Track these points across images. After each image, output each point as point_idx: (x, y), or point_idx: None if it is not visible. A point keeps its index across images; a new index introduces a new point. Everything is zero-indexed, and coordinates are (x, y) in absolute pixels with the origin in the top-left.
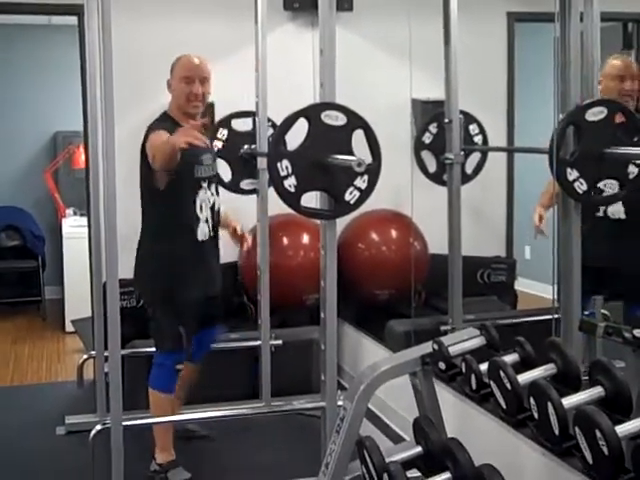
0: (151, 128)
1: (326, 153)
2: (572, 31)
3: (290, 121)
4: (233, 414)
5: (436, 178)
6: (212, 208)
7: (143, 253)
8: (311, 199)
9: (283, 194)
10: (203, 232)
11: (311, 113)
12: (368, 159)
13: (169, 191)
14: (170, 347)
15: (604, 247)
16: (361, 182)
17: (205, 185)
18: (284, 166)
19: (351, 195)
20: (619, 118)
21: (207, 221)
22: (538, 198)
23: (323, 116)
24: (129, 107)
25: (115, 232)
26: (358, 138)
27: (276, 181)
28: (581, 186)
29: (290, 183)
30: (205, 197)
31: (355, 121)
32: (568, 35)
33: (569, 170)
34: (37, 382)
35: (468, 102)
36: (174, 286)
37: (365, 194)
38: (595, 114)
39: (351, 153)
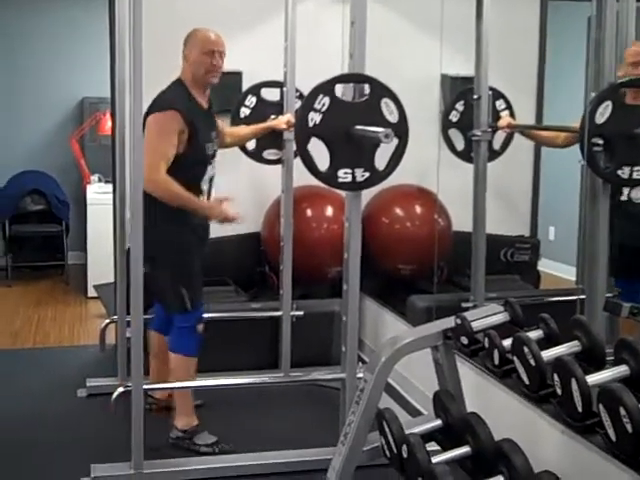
0: (158, 108)
1: (360, 122)
2: (608, 10)
3: (352, 78)
4: (251, 382)
5: (463, 156)
6: (211, 180)
7: (156, 218)
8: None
9: (301, 120)
10: None
11: (376, 87)
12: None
13: (180, 165)
14: (190, 306)
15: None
16: (360, 175)
17: (211, 160)
18: (322, 101)
19: (345, 176)
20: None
21: (206, 194)
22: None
23: (383, 102)
24: (157, 74)
25: (140, 199)
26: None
27: (305, 106)
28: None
29: (314, 117)
30: (211, 172)
31: (400, 127)
32: (604, 14)
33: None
34: (59, 345)
35: (497, 78)
36: (185, 250)
37: (356, 185)
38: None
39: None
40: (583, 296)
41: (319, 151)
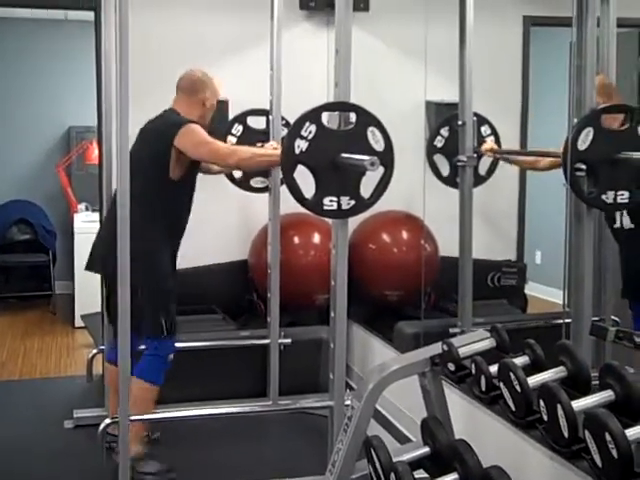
0: (186, 121)
1: (346, 150)
2: (588, 36)
3: (339, 106)
4: (240, 411)
5: (449, 181)
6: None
7: (143, 240)
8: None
9: (287, 147)
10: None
11: (362, 115)
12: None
13: (180, 184)
14: (167, 334)
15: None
16: (345, 203)
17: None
18: (308, 129)
19: (330, 204)
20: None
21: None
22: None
23: (369, 131)
24: (143, 103)
25: (127, 228)
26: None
27: (292, 134)
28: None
29: (300, 144)
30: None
31: (386, 156)
32: (584, 40)
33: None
34: (46, 376)
35: (481, 104)
36: (170, 275)
37: (341, 213)
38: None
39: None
40: (569, 320)
41: (305, 179)
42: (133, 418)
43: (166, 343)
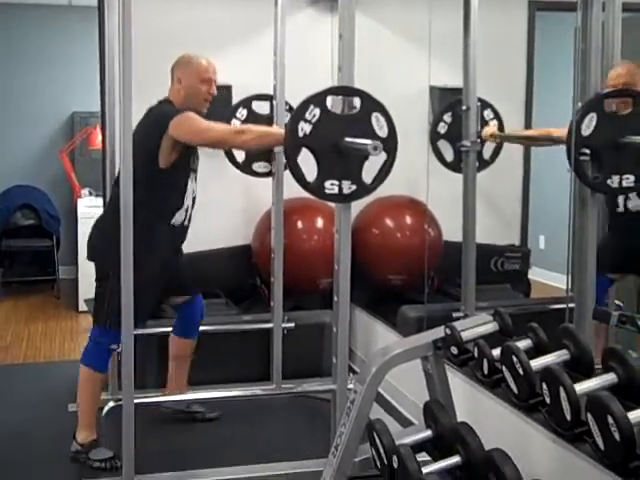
0: (178, 110)
1: (349, 135)
2: (594, 21)
3: (344, 90)
4: (243, 395)
5: (453, 166)
6: (194, 198)
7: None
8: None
9: (291, 129)
10: (179, 218)
11: (367, 100)
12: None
13: (168, 173)
14: (108, 326)
15: None
16: (347, 187)
17: (193, 176)
18: (313, 113)
19: (331, 187)
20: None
21: (187, 210)
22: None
23: (373, 116)
24: (146, 88)
25: (130, 213)
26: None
27: (296, 116)
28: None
29: (304, 127)
30: (192, 187)
31: (389, 142)
32: (590, 25)
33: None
34: (50, 360)
35: (485, 89)
36: (140, 264)
37: (342, 197)
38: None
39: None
40: (572, 304)
41: (308, 162)
42: (137, 401)
43: (110, 333)
